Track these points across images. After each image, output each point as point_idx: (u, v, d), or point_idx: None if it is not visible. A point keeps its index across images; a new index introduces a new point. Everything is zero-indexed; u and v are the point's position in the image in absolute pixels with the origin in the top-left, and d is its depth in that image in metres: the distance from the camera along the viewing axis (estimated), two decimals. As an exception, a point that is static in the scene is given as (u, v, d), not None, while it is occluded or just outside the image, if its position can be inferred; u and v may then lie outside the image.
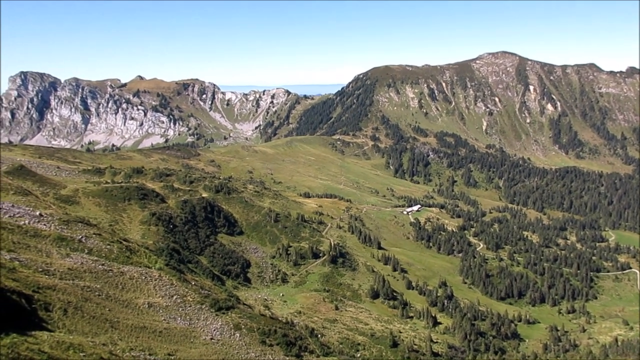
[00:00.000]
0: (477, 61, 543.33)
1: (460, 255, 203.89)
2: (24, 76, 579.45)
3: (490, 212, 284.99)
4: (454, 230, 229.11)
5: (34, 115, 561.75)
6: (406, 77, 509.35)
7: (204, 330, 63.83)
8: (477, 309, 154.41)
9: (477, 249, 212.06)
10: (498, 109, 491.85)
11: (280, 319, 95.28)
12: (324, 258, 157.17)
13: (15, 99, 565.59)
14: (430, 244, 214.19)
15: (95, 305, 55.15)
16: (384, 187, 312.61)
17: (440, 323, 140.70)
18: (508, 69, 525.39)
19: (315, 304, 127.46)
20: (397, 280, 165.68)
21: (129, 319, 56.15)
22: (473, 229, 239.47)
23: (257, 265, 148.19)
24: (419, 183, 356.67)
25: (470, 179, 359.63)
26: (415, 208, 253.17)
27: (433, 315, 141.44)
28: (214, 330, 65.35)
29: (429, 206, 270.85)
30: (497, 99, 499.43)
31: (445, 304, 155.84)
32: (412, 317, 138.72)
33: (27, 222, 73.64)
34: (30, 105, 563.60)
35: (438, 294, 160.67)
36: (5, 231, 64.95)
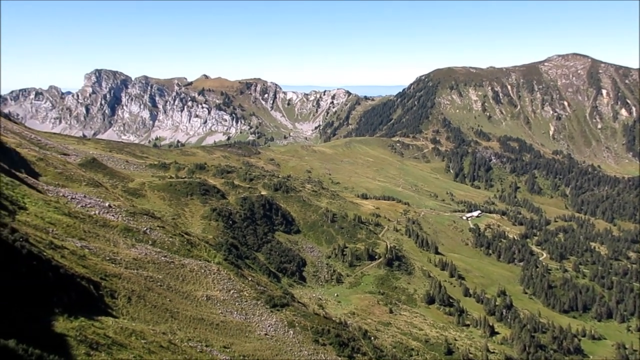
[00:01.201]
0: (546, 63, 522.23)
1: (521, 264, 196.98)
2: (99, 74, 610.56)
3: (555, 221, 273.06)
4: (516, 238, 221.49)
5: (106, 111, 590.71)
6: (470, 79, 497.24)
7: (258, 326, 64.89)
8: (538, 321, 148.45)
9: (540, 259, 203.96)
10: (567, 114, 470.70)
11: (333, 319, 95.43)
12: (379, 260, 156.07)
13: (89, 95, 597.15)
14: (490, 251, 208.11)
15: (157, 295, 57.29)
16: (443, 191, 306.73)
17: (497, 333, 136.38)
18: (579, 71, 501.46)
19: (370, 306, 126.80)
20: (454, 286, 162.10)
21: (188, 310, 57.94)
22: (536, 238, 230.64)
23: (312, 264, 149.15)
24: (479, 188, 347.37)
25: (535, 185, 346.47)
26: (475, 214, 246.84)
27: (490, 324, 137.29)
28: (269, 326, 66.29)
29: (490, 212, 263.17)
30: (566, 103, 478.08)
31: (504, 313, 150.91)
32: (468, 325, 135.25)
33: (97, 212, 77.47)
34: (103, 102, 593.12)
35: (496, 303, 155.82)
36: (78, 220, 68.60)
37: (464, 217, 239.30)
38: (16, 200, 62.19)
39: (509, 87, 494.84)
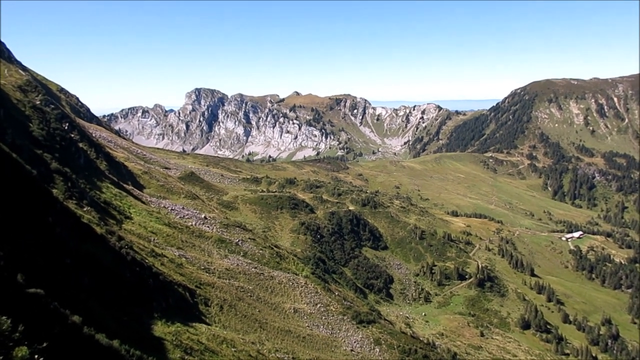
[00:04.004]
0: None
1: (629, 290, 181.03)
2: (198, 92, 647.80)
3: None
4: (623, 262, 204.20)
5: (204, 127, 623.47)
6: (570, 91, 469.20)
7: (344, 341, 64.83)
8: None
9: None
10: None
11: (421, 338, 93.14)
12: (470, 280, 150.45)
13: (189, 112, 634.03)
14: (593, 276, 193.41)
15: (247, 305, 59.13)
16: (540, 210, 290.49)
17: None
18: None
19: (459, 327, 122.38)
20: (552, 311, 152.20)
21: (276, 322, 59.20)
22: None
23: (399, 281, 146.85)
24: (581, 207, 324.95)
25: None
26: (576, 235, 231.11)
27: (594, 355, 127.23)
28: (355, 342, 66.00)
29: (593, 233, 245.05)
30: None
31: (609, 344, 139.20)
32: (568, 354, 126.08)
33: (194, 223, 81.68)
34: (201, 118, 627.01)
35: (600, 332, 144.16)
36: (176, 230, 72.71)
37: (564, 238, 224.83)
38: (123, 210, 67.15)
39: (615, 99, 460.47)
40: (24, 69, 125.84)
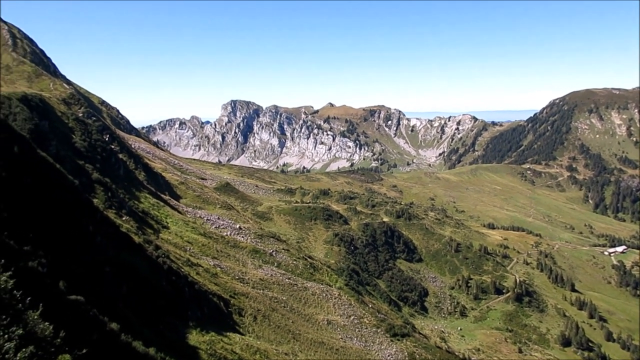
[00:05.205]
0: None
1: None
2: (234, 104, 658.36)
3: None
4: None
5: (239, 139, 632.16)
6: (612, 101, 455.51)
7: (378, 354, 64.08)
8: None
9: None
10: None
11: (456, 353, 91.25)
12: (507, 295, 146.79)
13: (225, 124, 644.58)
14: (638, 292, 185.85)
15: (281, 315, 59.18)
16: (580, 223, 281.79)
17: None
18: None
19: (496, 343, 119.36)
20: (594, 329, 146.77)
21: (309, 333, 59.01)
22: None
23: (434, 294, 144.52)
24: (624, 221, 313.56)
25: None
26: (619, 249, 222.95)
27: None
28: (388, 355, 65.17)
29: (638, 248, 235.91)
30: None
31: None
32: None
33: (229, 233, 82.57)
34: (237, 130, 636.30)
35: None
36: (212, 240, 73.61)
37: (606, 253, 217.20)
38: (160, 220, 68.44)
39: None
40: (68, 82, 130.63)
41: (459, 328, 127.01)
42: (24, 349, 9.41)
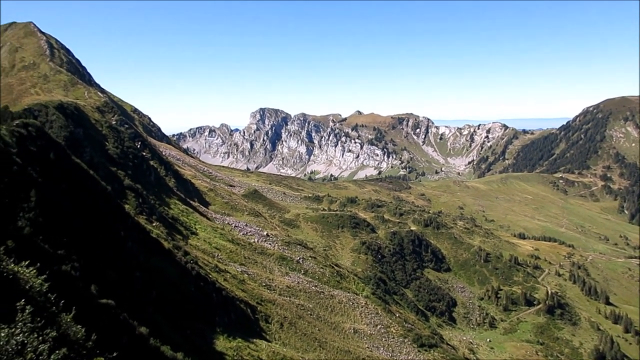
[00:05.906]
0: None
1: None
2: (262, 112, 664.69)
3: None
4: None
5: (267, 146, 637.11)
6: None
7: (405, 365, 63.37)
8: None
9: None
10: None
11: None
12: (538, 306, 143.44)
13: (254, 132, 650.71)
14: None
15: (307, 323, 59.14)
16: (615, 234, 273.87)
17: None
18: None
19: (527, 355, 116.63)
20: (630, 344, 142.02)
21: (335, 341, 58.78)
22: None
23: (463, 305, 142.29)
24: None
25: None
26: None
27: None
28: (416, 366, 64.38)
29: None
30: None
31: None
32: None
33: (256, 240, 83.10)
34: (265, 138, 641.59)
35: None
36: (239, 246, 74.21)
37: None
38: (189, 226, 69.37)
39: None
40: (102, 91, 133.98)
41: (488, 340, 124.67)
42: (57, 351, 9.66)
